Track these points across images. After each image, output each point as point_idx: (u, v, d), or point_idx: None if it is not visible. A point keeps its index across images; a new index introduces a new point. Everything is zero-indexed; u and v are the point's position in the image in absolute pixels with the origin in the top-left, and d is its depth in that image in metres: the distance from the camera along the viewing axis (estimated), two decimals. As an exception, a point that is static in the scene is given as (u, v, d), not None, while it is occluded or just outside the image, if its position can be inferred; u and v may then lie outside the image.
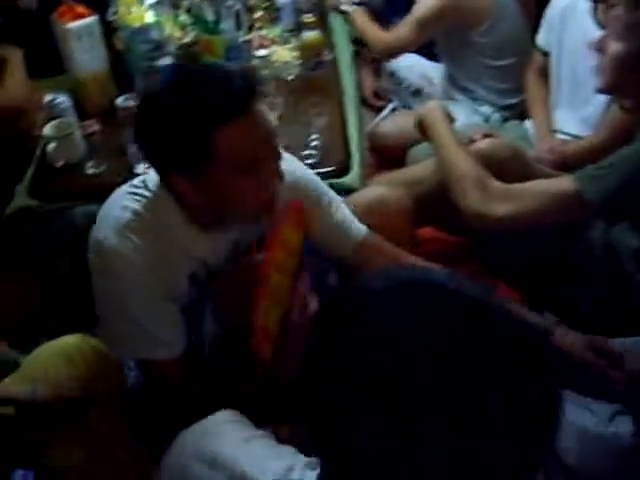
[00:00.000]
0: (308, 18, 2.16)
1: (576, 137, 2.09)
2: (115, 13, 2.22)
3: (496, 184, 1.60)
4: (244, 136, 1.17)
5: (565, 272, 1.79)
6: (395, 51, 2.41)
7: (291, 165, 1.42)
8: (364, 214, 1.60)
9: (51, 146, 1.92)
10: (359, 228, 1.53)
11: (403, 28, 2.32)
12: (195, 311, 1.43)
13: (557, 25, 2.09)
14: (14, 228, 1.95)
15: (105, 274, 1.31)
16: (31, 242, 1.93)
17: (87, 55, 2.03)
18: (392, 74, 2.66)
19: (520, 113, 2.30)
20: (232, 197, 1.23)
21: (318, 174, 1.90)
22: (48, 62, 2.12)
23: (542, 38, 2.16)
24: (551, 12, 2.12)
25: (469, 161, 1.64)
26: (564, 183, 1.56)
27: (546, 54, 2.16)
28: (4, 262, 2.15)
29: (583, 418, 1.54)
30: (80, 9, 2.00)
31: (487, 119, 2.30)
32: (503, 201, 1.56)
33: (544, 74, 2.18)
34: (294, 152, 1.90)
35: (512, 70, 2.31)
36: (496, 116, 2.33)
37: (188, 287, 1.37)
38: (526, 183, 1.63)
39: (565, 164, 2.03)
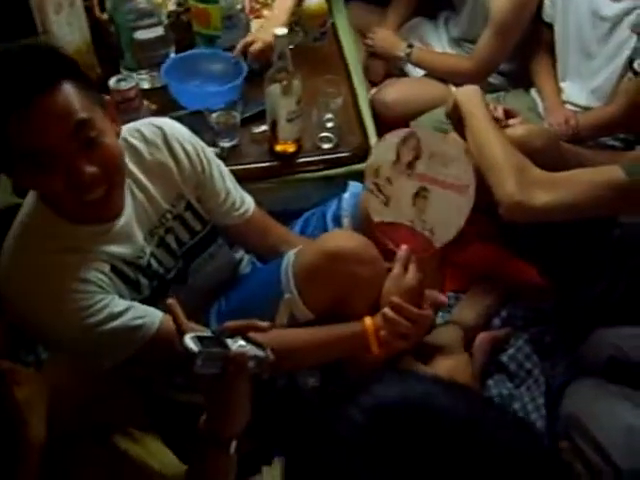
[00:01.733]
0: (313, -16, 1.96)
1: (586, 108, 2.02)
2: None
3: (538, 172, 1.52)
4: (28, 129, 1.09)
5: (597, 259, 1.75)
6: (485, 74, 2.19)
7: (183, 132, 1.41)
8: None
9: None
10: (249, 202, 1.52)
11: (484, 46, 2.15)
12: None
13: None
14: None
15: (36, 307, 1.23)
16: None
17: (67, 27, 1.79)
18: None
19: (523, 81, 2.21)
20: (46, 193, 1.19)
21: (336, 159, 1.79)
22: (15, 20, 1.88)
23: (545, 11, 2.07)
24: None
25: (508, 147, 1.55)
26: (615, 173, 1.49)
27: (551, 27, 2.07)
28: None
29: (633, 415, 1.53)
30: (58, -25, 1.75)
31: (493, 90, 2.20)
32: (546, 190, 1.48)
33: (549, 46, 2.10)
34: (310, 135, 1.79)
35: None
36: (501, 83, 2.24)
37: (118, 279, 1.30)
38: (571, 171, 1.55)
39: (578, 136, 1.97)
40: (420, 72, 2.32)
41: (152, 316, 1.29)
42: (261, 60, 1.85)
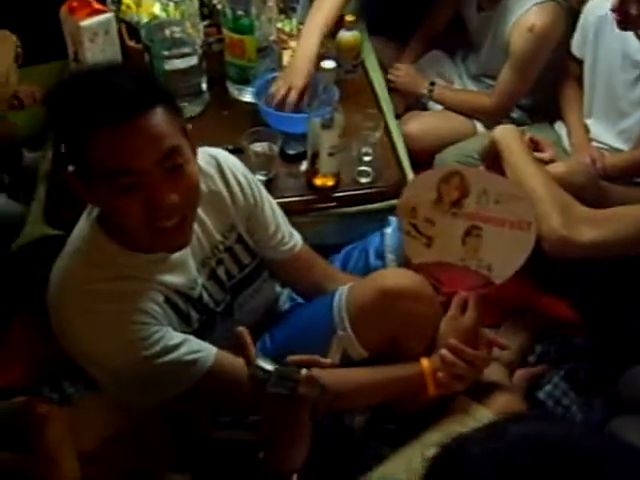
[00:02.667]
0: (349, 17, 1.95)
1: (614, 149, 2.03)
2: (117, 2, 1.95)
3: (582, 208, 1.53)
4: (120, 147, 1.07)
5: (631, 294, 1.76)
6: (506, 110, 2.22)
7: (236, 163, 1.40)
8: None
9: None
10: (297, 238, 1.51)
11: (504, 82, 2.17)
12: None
13: (592, 34, 2.01)
14: (28, 264, 1.68)
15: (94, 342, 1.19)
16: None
17: (101, 55, 1.77)
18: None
19: (545, 115, 2.23)
20: (115, 213, 1.14)
21: (374, 194, 1.78)
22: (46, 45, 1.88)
23: (576, 46, 2.09)
24: (586, 20, 2.03)
25: (551, 184, 1.55)
26: None
27: (580, 61, 2.09)
28: (17, 305, 1.87)
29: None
30: (94, 3, 1.73)
31: (518, 123, 2.21)
32: (592, 226, 1.49)
33: (578, 80, 2.11)
34: (348, 169, 1.77)
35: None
36: (522, 118, 2.26)
37: (171, 311, 1.27)
38: (615, 208, 1.56)
39: (606, 176, 1.98)
40: (440, 106, 2.34)
41: (207, 351, 1.26)
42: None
